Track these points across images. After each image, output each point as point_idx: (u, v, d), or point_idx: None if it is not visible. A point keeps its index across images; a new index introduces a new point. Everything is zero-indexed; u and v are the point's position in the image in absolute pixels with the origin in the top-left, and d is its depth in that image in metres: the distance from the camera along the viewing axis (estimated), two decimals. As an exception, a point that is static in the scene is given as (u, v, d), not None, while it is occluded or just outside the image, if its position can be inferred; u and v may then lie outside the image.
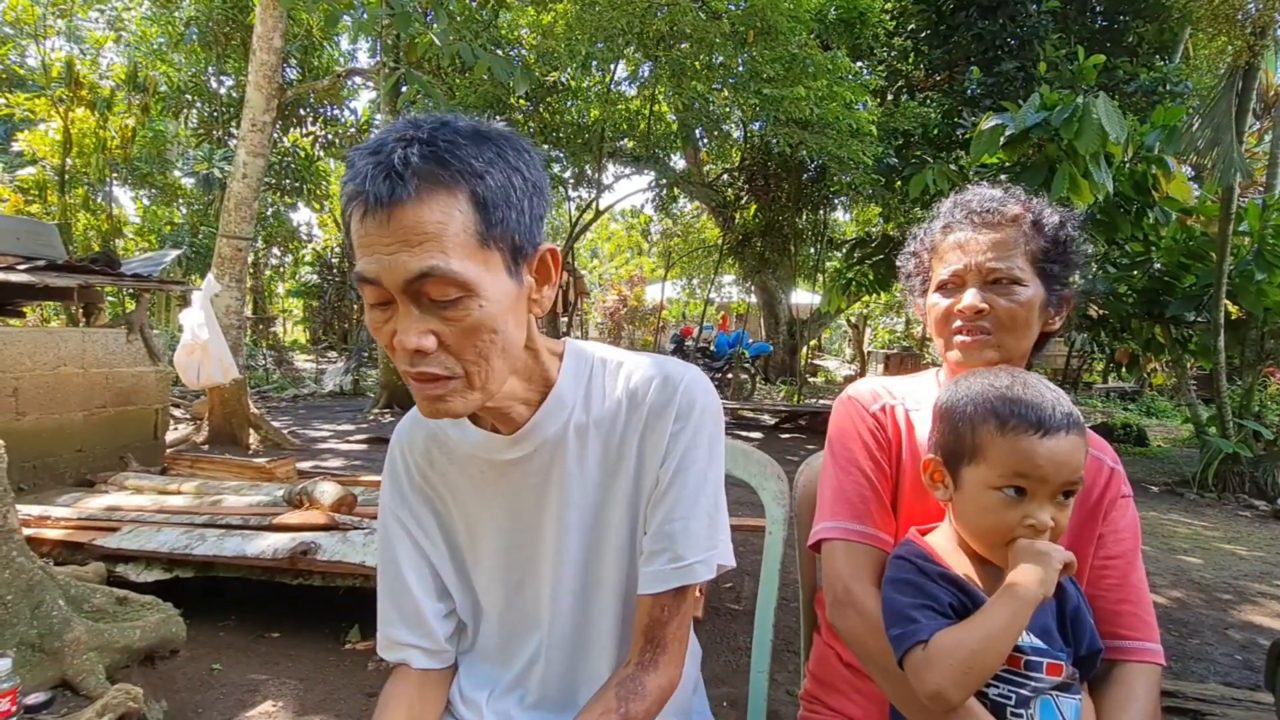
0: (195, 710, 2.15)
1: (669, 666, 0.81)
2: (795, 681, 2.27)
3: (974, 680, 0.77)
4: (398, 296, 0.65)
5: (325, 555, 2.54)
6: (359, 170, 0.64)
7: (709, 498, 0.82)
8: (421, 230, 0.63)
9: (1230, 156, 5.40)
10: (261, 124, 6.49)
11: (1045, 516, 0.79)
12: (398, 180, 0.62)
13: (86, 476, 4.02)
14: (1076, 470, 0.80)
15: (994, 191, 1.00)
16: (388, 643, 0.88)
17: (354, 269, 0.67)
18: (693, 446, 0.81)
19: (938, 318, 1.00)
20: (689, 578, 0.80)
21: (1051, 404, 0.81)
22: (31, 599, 1.93)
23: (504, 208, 0.67)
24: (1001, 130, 5.28)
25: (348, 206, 0.66)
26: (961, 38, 8.82)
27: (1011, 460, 0.80)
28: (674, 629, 0.81)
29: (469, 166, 0.64)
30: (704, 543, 0.81)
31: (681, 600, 0.81)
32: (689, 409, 0.81)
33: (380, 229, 0.63)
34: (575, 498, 0.83)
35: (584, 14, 7.63)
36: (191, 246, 12.22)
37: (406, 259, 0.63)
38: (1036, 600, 0.77)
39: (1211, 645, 2.93)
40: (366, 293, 0.67)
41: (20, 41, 12.90)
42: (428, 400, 0.70)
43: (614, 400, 0.84)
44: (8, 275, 3.79)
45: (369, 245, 0.64)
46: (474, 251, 0.65)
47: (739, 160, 12.43)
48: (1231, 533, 4.86)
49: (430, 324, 0.66)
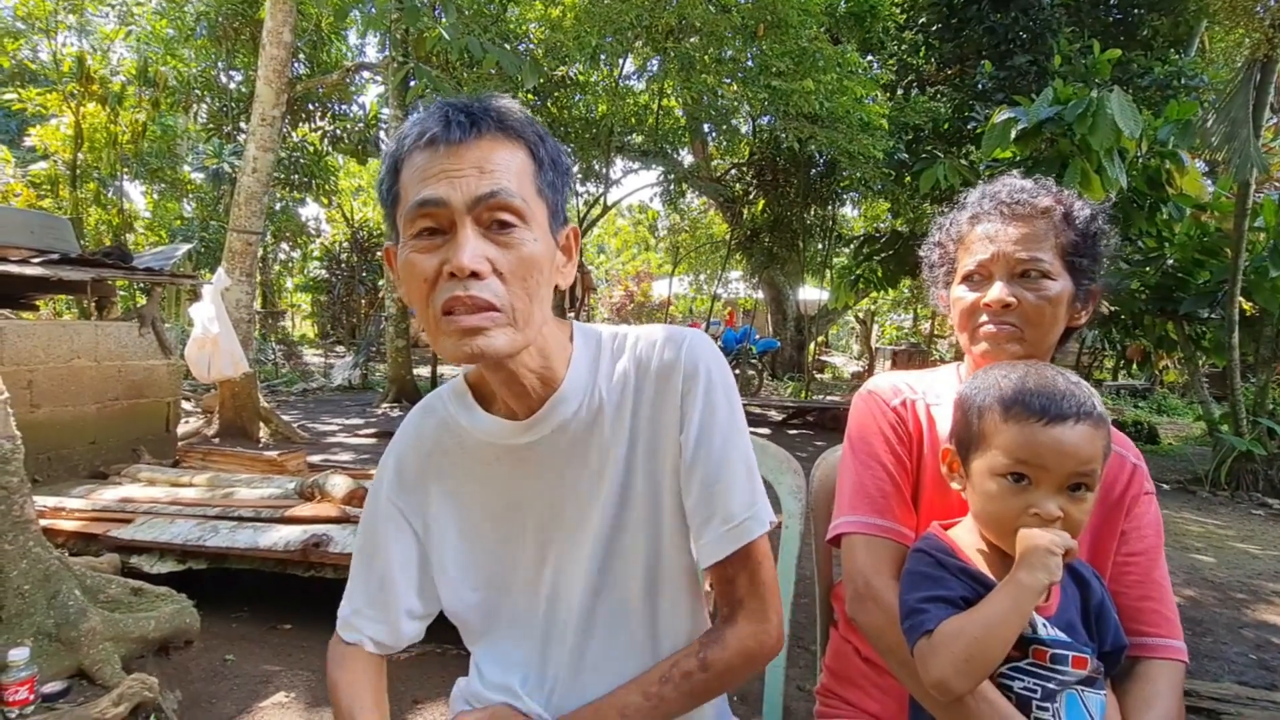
0: (209, 700, 2.16)
1: (750, 621, 0.81)
2: (806, 677, 2.27)
3: (976, 669, 0.76)
4: (460, 219, 0.69)
5: (337, 548, 2.56)
6: (427, 116, 0.71)
7: (740, 451, 0.81)
8: (492, 161, 0.70)
9: (1247, 151, 5.33)
10: (271, 119, 6.51)
11: (1051, 506, 0.78)
12: (471, 123, 0.70)
13: (99, 468, 4.06)
14: (1086, 462, 0.78)
15: (1024, 182, 0.98)
16: (346, 625, 0.89)
17: (410, 202, 0.70)
18: (709, 406, 0.80)
19: (963, 311, 0.98)
20: (745, 536, 0.79)
21: (1062, 393, 0.80)
22: (48, 589, 1.95)
23: (551, 171, 0.75)
24: (1014, 124, 5.23)
25: (407, 148, 0.71)
26: (973, 31, 8.74)
27: (1011, 446, 0.80)
28: (745, 584, 0.81)
29: (528, 130, 0.74)
30: (748, 497, 0.80)
31: (747, 558, 0.81)
32: (694, 368, 0.81)
33: (452, 158, 0.69)
34: (596, 476, 0.82)
35: (592, 7, 7.60)
36: (201, 241, 12.28)
37: (477, 181, 0.69)
38: (1039, 589, 0.76)
39: (1226, 644, 2.91)
40: (419, 221, 0.70)
41: (32, 37, 12.96)
42: (468, 332, 0.69)
43: (623, 372, 0.84)
44: (22, 268, 3.82)
45: (437, 173, 0.69)
46: (530, 195, 0.73)
47: (747, 155, 12.38)
48: (1245, 531, 4.82)
49: (487, 249, 0.69)
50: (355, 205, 19.00)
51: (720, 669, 0.80)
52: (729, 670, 0.80)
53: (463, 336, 0.69)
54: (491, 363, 0.75)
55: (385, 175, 0.74)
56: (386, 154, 0.75)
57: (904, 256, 8.97)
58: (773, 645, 0.82)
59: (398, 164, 0.73)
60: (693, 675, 0.79)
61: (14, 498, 1.95)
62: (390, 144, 0.75)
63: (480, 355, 0.70)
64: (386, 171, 0.74)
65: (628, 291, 22.29)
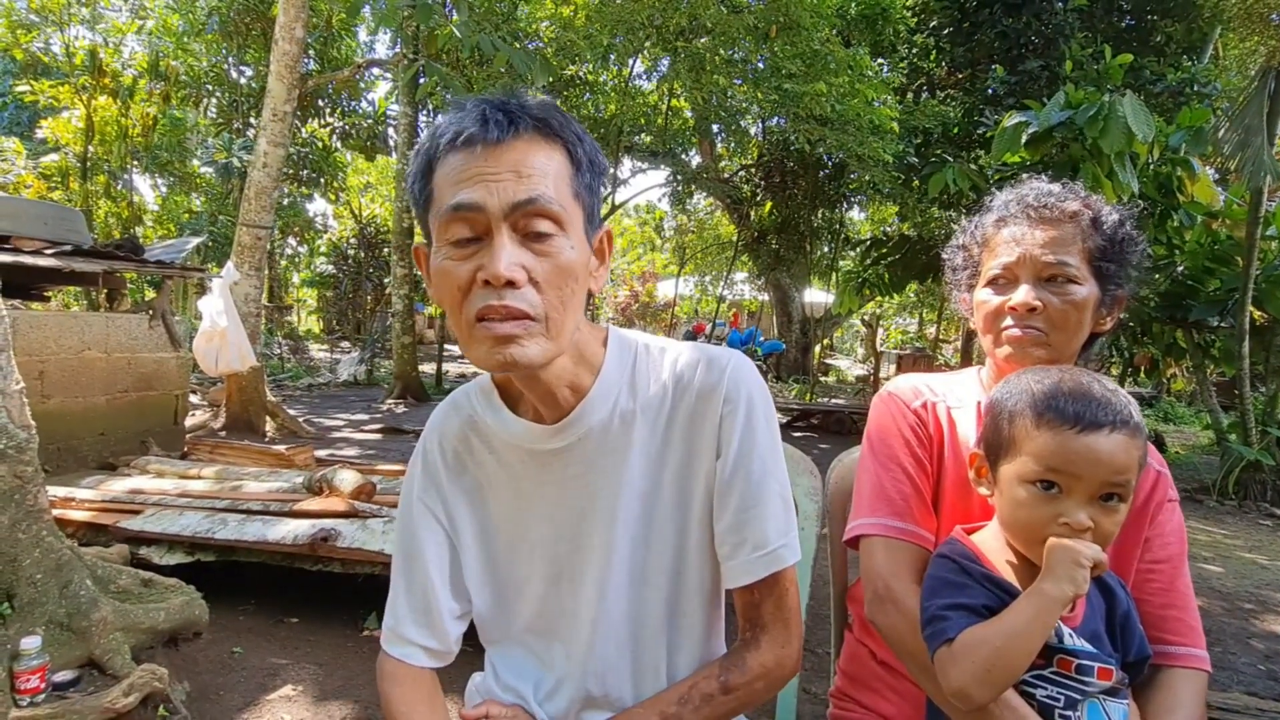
0: (217, 692, 2.17)
1: (772, 645, 0.80)
2: (814, 679, 2.27)
3: (998, 679, 0.75)
4: (497, 225, 0.67)
5: (345, 542, 2.56)
6: (464, 115, 0.68)
7: (777, 480, 0.81)
8: (530, 165, 0.68)
9: (1260, 159, 5.29)
10: (282, 114, 6.52)
11: (1081, 516, 0.76)
12: (509, 122, 0.68)
13: (108, 460, 4.08)
14: (1120, 472, 0.76)
15: (1052, 186, 0.97)
16: (394, 637, 0.86)
17: (444, 206, 0.68)
18: (749, 431, 0.79)
19: (988, 314, 0.97)
20: (776, 563, 0.79)
21: (1098, 401, 0.78)
22: (60, 578, 1.96)
23: (589, 173, 0.73)
24: (1024, 128, 5.21)
25: (442, 147, 0.69)
26: (985, 35, 8.71)
27: (1043, 453, 0.78)
28: (770, 609, 0.81)
29: (568, 130, 0.71)
30: (782, 525, 0.80)
31: (775, 584, 0.80)
32: (736, 392, 0.80)
33: (489, 160, 0.67)
34: (623, 487, 0.80)
35: (604, 7, 7.61)
36: (210, 234, 12.33)
37: (514, 186, 0.67)
38: (1064, 600, 0.74)
39: (1234, 654, 2.89)
40: (454, 226, 0.68)
41: (45, 29, 13.04)
42: (501, 341, 0.68)
43: (660, 385, 0.82)
44: (36, 259, 3.84)
45: (473, 176, 0.67)
46: (568, 199, 0.71)
47: (756, 156, 12.37)
48: (1253, 541, 4.79)
49: (523, 257, 0.68)
50: (363, 201, 19.05)
51: (741, 693, 0.79)
52: (750, 694, 0.80)
53: (496, 345, 0.68)
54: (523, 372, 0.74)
55: (418, 174, 0.72)
56: (420, 151, 0.72)
57: (911, 261, 8.93)
58: (793, 668, 0.82)
59: (431, 163, 0.70)
60: (714, 698, 0.79)
61: (28, 487, 1.95)
62: (424, 141, 0.72)
63: (513, 364, 0.69)
64: (419, 170, 0.71)
65: (633, 291, 22.27)
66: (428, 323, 16.30)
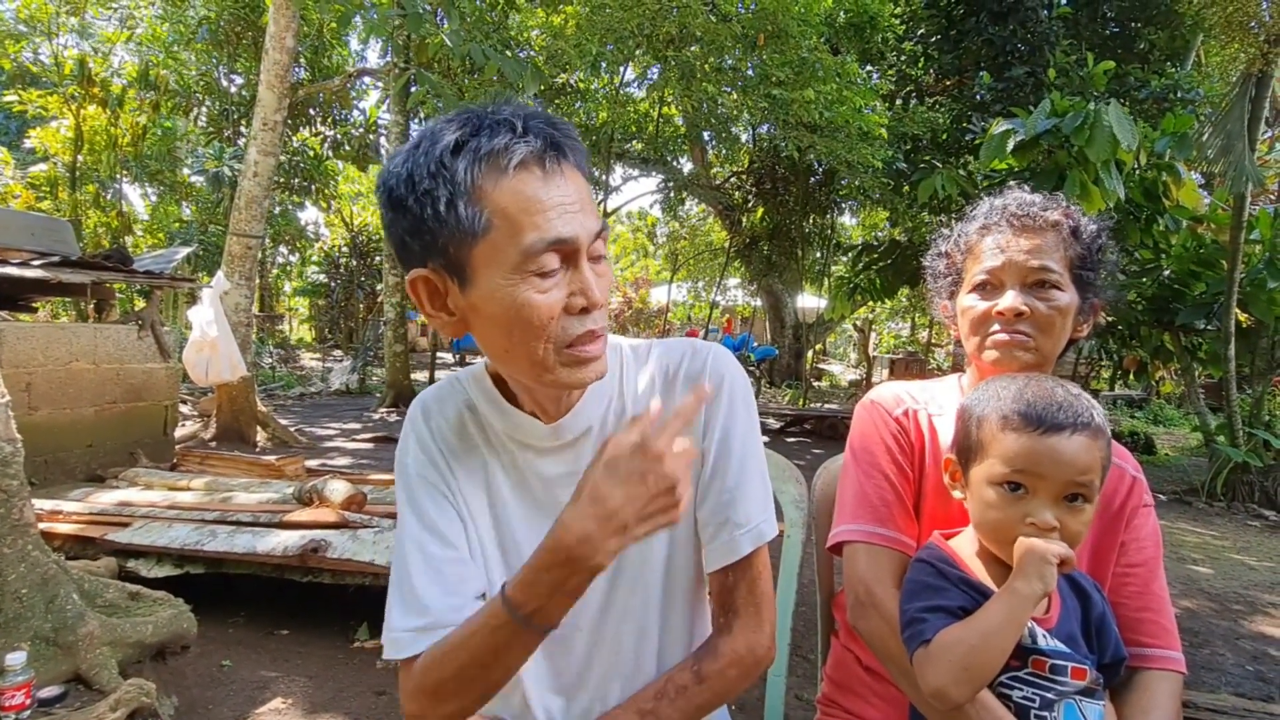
0: (206, 706, 2.15)
1: (744, 631, 0.82)
2: (804, 685, 2.27)
3: (974, 678, 0.77)
4: (582, 255, 0.70)
5: (335, 553, 2.55)
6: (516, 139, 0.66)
7: (757, 461, 0.85)
8: (586, 193, 0.72)
9: (1242, 164, 5.37)
10: (273, 123, 6.52)
11: (1047, 515, 0.79)
12: (563, 151, 0.69)
13: (97, 472, 4.05)
14: (1083, 472, 0.79)
15: (1034, 196, 1.00)
16: (410, 632, 0.75)
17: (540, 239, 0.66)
18: (731, 416, 0.83)
19: (974, 319, 0.99)
20: (756, 540, 0.82)
21: (1060, 405, 0.81)
22: (46, 593, 1.95)
23: (595, 191, 0.75)
24: (1011, 135, 5.26)
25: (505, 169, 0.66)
26: (971, 43, 8.81)
27: (1009, 455, 0.81)
28: (743, 594, 0.82)
29: (581, 151, 0.73)
30: (761, 504, 0.84)
31: (748, 567, 0.82)
32: (720, 379, 0.84)
33: (561, 187, 0.69)
34: None
35: (594, 16, 7.65)
36: (200, 244, 12.29)
37: (585, 218, 0.70)
38: (1034, 598, 0.76)
39: (1223, 655, 2.91)
40: (547, 259, 0.67)
41: (33, 39, 12.99)
42: (591, 362, 0.72)
43: (648, 379, 0.85)
44: (23, 270, 3.82)
45: (556, 205, 0.68)
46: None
47: (747, 163, 12.44)
48: (1241, 542, 4.83)
49: (599, 281, 0.73)
50: (355, 210, 19.02)
51: (715, 681, 0.80)
52: (724, 682, 0.80)
53: (588, 366, 0.72)
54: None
55: (460, 194, 0.66)
56: (459, 168, 0.66)
57: (902, 266, 8.99)
58: (765, 655, 0.82)
59: (477, 182, 0.65)
60: (688, 689, 0.80)
61: (13, 501, 1.94)
62: (462, 159, 0.66)
63: (596, 379, 0.74)
64: (461, 190, 0.65)
65: (626, 298, 22.31)
66: (420, 331, 16.28)
